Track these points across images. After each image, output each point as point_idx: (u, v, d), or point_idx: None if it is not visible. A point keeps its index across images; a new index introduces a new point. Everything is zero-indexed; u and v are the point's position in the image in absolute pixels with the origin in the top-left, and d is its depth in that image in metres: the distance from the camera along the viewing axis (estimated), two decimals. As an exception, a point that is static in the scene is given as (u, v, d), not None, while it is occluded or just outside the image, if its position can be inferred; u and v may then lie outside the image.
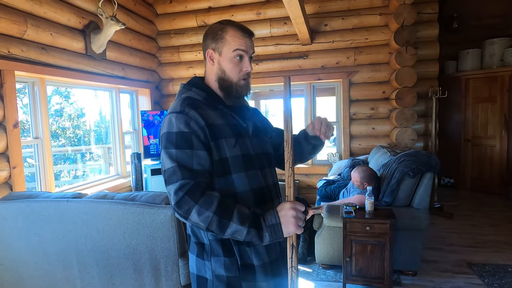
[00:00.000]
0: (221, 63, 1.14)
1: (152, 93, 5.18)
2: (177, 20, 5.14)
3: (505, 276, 2.79)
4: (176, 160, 1.04)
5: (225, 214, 0.99)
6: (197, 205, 0.99)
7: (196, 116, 1.07)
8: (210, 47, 1.15)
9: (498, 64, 5.19)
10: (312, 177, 5.01)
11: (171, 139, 1.05)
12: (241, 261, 1.10)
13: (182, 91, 1.19)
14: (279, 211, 1.02)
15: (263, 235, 1.00)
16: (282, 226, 1.00)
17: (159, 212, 1.84)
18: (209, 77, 1.19)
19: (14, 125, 2.90)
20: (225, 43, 1.12)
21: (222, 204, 1.00)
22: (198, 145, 1.05)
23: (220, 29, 1.13)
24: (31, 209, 2.05)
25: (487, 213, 4.44)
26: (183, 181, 1.01)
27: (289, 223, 0.99)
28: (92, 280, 2.00)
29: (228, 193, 1.08)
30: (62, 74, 3.42)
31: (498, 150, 5.26)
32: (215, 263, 1.11)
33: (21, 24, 2.92)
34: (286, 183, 1.05)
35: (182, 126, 1.05)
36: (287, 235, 1.01)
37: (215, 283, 1.10)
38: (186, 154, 1.04)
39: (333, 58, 4.78)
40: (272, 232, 1.00)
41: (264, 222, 1.01)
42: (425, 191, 2.79)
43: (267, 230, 1.00)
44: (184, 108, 1.08)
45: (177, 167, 1.03)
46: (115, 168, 4.65)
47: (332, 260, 2.94)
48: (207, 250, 1.12)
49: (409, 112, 4.27)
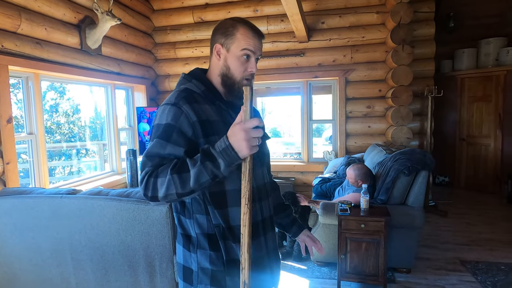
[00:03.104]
0: (227, 60, 1.13)
1: (148, 90, 5.15)
2: (174, 16, 5.10)
3: (497, 274, 2.81)
4: (148, 151, 1.04)
5: (180, 168, 0.97)
6: (157, 179, 0.98)
7: (189, 111, 1.05)
8: (218, 42, 1.13)
9: (493, 64, 5.21)
10: (307, 174, 5.02)
11: (157, 129, 1.06)
12: (227, 256, 1.10)
13: (182, 82, 1.17)
14: (229, 136, 0.95)
15: (218, 163, 0.95)
16: (234, 149, 0.94)
17: (154, 209, 1.83)
18: (212, 71, 1.18)
19: (7, 121, 2.87)
20: (234, 40, 1.11)
21: (176, 164, 0.98)
22: (177, 140, 1.03)
23: (232, 26, 1.12)
24: (25, 205, 2.03)
25: (481, 211, 4.47)
26: (148, 168, 1.01)
27: (242, 146, 0.93)
28: (87, 277, 1.99)
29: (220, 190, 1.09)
30: (56, 69, 3.39)
31: (492, 149, 5.30)
32: (201, 255, 1.11)
33: (15, 18, 2.89)
34: (242, 221, 0.98)
35: (170, 118, 1.04)
36: (243, 157, 0.95)
37: (200, 275, 1.11)
38: (161, 145, 1.03)
39: (330, 56, 4.78)
40: (226, 156, 0.94)
41: (215, 150, 0.96)
42: (420, 189, 2.81)
43: (219, 156, 0.94)
44: (178, 100, 1.07)
45: (147, 157, 1.03)
46: (110, 164, 4.63)
47: (327, 257, 2.95)
48: (194, 243, 1.13)
49: (405, 111, 4.29)
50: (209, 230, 1.10)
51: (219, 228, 1.09)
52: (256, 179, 1.17)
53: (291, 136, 10.47)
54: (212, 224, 1.10)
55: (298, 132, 5.26)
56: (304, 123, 5.11)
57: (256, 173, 1.17)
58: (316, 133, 9.22)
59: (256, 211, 1.17)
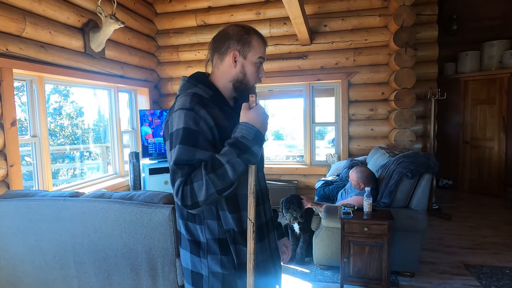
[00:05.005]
0: (245, 67, 1.17)
1: (150, 92, 5.17)
2: (177, 19, 5.13)
3: (502, 278, 2.79)
4: (177, 159, 1.03)
5: (213, 166, 1.00)
6: (193, 185, 1.00)
7: (206, 116, 1.06)
8: (235, 49, 1.16)
9: (497, 66, 5.19)
10: (310, 177, 5.00)
11: (177, 135, 1.05)
12: (238, 260, 1.12)
13: (187, 86, 1.17)
14: (252, 122, 1.06)
15: (253, 150, 1.04)
16: (262, 132, 1.07)
17: (157, 212, 1.83)
18: (221, 77, 1.19)
19: (11, 123, 2.89)
20: (251, 48, 1.16)
21: (207, 164, 1.01)
22: (203, 145, 1.04)
23: (246, 34, 1.17)
24: (28, 207, 2.04)
25: (485, 215, 4.44)
26: (181, 178, 1.01)
27: (264, 127, 1.08)
28: (89, 279, 2.00)
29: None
30: (60, 72, 3.41)
31: (496, 152, 5.26)
32: (212, 260, 1.13)
33: (20, 21, 2.91)
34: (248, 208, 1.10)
35: (191, 123, 1.05)
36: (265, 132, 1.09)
37: (211, 279, 1.13)
38: (189, 151, 1.03)
39: (333, 58, 4.78)
40: (258, 141, 1.06)
41: (246, 139, 1.04)
42: (424, 193, 2.79)
43: (254, 143, 1.05)
44: (194, 105, 1.07)
45: (177, 166, 1.03)
46: (113, 167, 4.64)
47: (330, 261, 2.94)
48: (204, 248, 1.14)
49: (408, 114, 4.28)
50: (220, 235, 1.12)
51: (229, 233, 1.12)
52: (259, 182, 1.20)
53: (294, 138, 10.47)
54: (223, 229, 1.12)
55: (301, 135, 5.25)
56: (307, 125, 5.10)
57: (258, 177, 1.18)
58: (319, 135, 9.20)
59: (260, 213, 1.19)
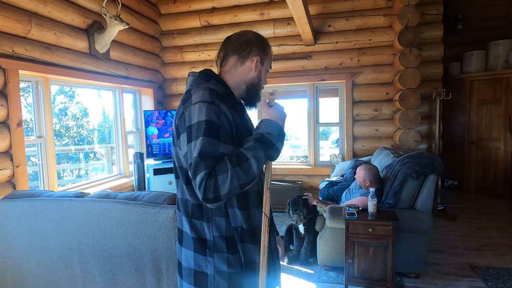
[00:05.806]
0: (261, 73, 1.25)
1: (155, 93, 5.19)
2: (181, 20, 5.14)
3: (508, 280, 2.76)
4: (201, 150, 1.00)
5: (239, 160, 1.01)
6: (217, 178, 0.97)
7: (226, 110, 1.08)
8: (257, 54, 1.22)
9: (503, 66, 5.15)
10: (314, 178, 4.99)
11: (199, 127, 1.03)
12: (244, 258, 1.13)
13: (199, 81, 1.16)
14: (275, 119, 1.13)
15: (277, 146, 1.10)
16: (283, 129, 1.14)
17: (161, 212, 1.84)
18: (237, 77, 1.22)
19: (17, 124, 2.91)
20: (268, 57, 1.25)
21: (231, 158, 1.01)
22: (225, 138, 1.04)
23: (264, 42, 1.24)
24: (34, 208, 2.05)
25: (491, 216, 4.40)
26: (205, 171, 0.98)
27: (284, 123, 1.16)
28: (94, 279, 2.01)
29: None
30: (66, 73, 3.44)
31: (502, 152, 5.22)
32: (218, 259, 1.12)
33: (26, 23, 2.93)
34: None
35: (214, 116, 1.04)
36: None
37: (217, 278, 1.12)
38: (213, 144, 1.01)
39: (337, 59, 4.77)
40: (281, 137, 1.12)
41: (271, 135, 1.09)
42: (429, 193, 2.77)
43: (278, 139, 1.10)
44: (214, 99, 1.07)
45: (201, 158, 1.00)
46: (117, 167, 4.66)
47: (334, 261, 2.93)
48: (210, 246, 1.12)
49: (412, 114, 4.26)
50: (227, 232, 1.12)
51: (237, 230, 1.12)
52: (261, 182, 1.21)
53: (298, 139, 10.44)
54: (231, 227, 1.12)
55: (305, 135, 5.24)
56: (311, 126, 5.09)
57: (260, 177, 1.21)
58: (323, 136, 9.18)
59: None
